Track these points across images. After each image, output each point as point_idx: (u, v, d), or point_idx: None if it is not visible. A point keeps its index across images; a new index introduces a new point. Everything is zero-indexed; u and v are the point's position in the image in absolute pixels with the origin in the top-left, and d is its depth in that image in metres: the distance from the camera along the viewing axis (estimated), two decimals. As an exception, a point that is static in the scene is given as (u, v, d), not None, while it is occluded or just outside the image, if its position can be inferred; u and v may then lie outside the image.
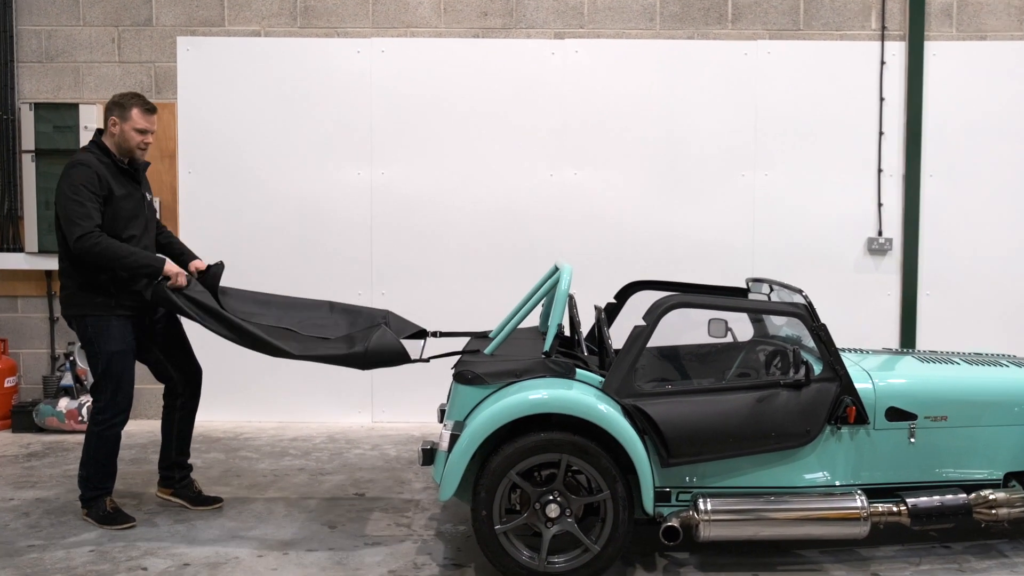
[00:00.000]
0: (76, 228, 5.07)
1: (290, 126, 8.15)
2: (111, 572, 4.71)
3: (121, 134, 5.33)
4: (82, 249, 5.07)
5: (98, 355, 5.31)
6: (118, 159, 5.34)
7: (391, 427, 8.10)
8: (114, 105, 5.34)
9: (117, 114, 5.33)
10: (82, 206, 5.09)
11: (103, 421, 5.35)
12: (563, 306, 4.67)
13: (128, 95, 5.37)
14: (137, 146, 5.36)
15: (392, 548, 5.06)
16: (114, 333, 5.30)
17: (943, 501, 4.66)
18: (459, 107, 8.13)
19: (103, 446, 5.38)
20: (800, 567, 4.80)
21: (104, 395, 5.34)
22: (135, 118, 5.33)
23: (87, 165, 5.20)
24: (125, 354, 5.34)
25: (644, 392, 4.60)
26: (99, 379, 5.34)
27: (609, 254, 8.13)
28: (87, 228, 5.07)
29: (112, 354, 5.30)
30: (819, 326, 4.71)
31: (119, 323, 5.31)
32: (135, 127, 5.33)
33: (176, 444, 5.74)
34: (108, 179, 5.23)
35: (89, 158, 5.25)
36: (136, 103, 5.34)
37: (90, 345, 5.32)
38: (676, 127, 8.11)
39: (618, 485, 4.45)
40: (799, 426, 4.58)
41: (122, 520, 5.41)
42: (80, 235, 5.06)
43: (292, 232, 8.16)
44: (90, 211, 5.11)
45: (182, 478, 5.78)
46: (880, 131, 8.10)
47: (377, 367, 5.08)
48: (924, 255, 8.11)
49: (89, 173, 5.17)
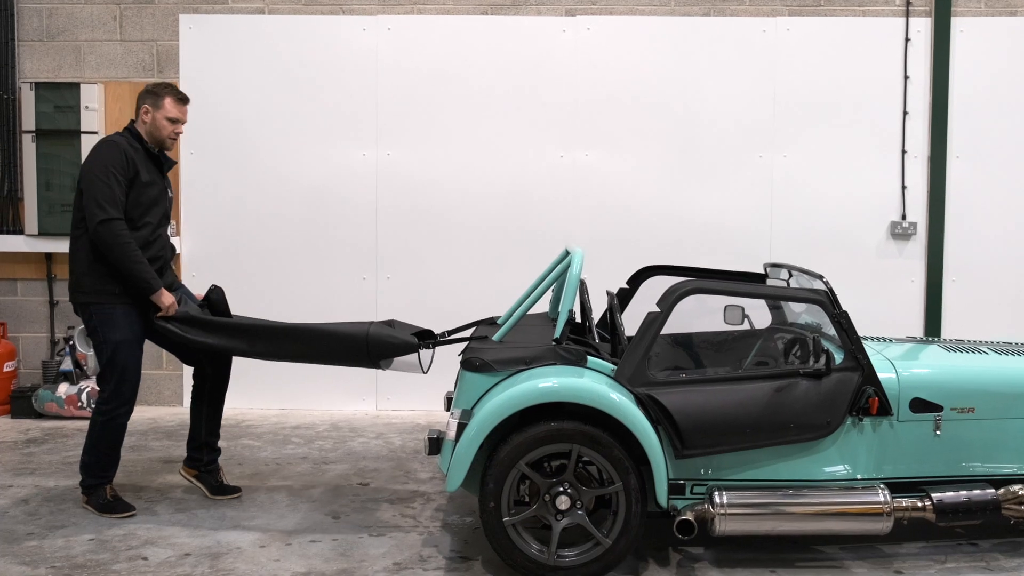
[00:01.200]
0: (100, 212, 5.11)
1: (294, 106, 8.10)
2: (111, 561, 4.70)
3: (153, 122, 5.39)
4: (102, 235, 5.11)
5: (103, 344, 5.31)
6: (149, 146, 5.40)
7: (396, 415, 8.08)
8: (147, 94, 5.42)
9: (150, 102, 5.40)
10: (110, 189, 5.14)
11: (107, 411, 5.35)
12: (574, 291, 4.63)
13: (161, 84, 5.47)
14: (168, 136, 5.44)
15: (397, 540, 5.04)
16: (119, 321, 5.29)
17: (970, 496, 4.59)
18: (467, 86, 8.07)
19: (107, 435, 5.38)
20: (819, 564, 4.75)
21: (109, 385, 5.34)
22: (167, 107, 5.40)
23: (117, 145, 5.26)
24: (130, 343, 5.33)
25: (658, 381, 4.55)
26: (104, 368, 5.34)
27: (622, 238, 8.07)
28: (112, 215, 5.11)
29: (117, 343, 5.28)
30: (840, 313, 4.65)
31: (124, 311, 5.30)
32: (167, 116, 5.40)
33: (206, 425, 5.74)
34: (136, 162, 5.28)
35: (119, 139, 5.31)
36: (169, 92, 5.43)
37: (95, 333, 5.32)
38: (691, 107, 8.03)
39: (631, 477, 4.40)
40: (819, 417, 4.52)
41: (122, 509, 5.40)
42: (104, 219, 5.10)
43: (296, 214, 8.12)
44: (116, 196, 5.15)
45: (210, 462, 5.78)
46: (904, 110, 8.01)
47: (381, 358, 5.06)
48: (950, 240, 8.03)
49: (118, 153, 5.22)
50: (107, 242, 5.10)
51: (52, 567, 4.62)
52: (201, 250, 8.11)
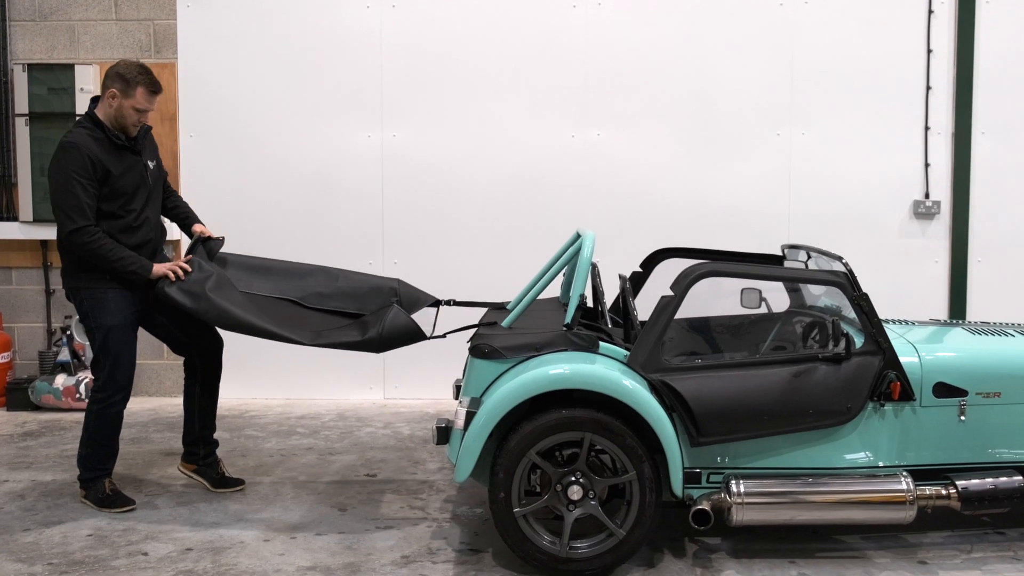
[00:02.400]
0: (68, 222, 5.07)
1: (296, 87, 8.09)
2: (110, 557, 4.72)
3: (119, 109, 5.22)
4: (75, 243, 5.10)
5: (95, 329, 5.31)
6: (113, 134, 5.23)
7: (404, 404, 8.09)
8: (117, 76, 5.20)
9: (119, 88, 5.20)
10: (74, 197, 5.06)
11: (102, 399, 5.35)
12: (585, 275, 4.62)
13: (135, 69, 5.22)
14: (132, 124, 5.27)
15: (405, 532, 5.05)
16: (111, 306, 5.28)
17: (996, 484, 4.57)
18: (475, 64, 8.05)
19: (103, 425, 5.38)
20: (841, 554, 4.75)
21: (103, 372, 5.34)
22: (138, 97, 5.22)
23: (77, 148, 5.10)
24: (123, 328, 5.32)
25: (672, 367, 4.54)
26: (97, 355, 5.34)
27: (635, 219, 8.05)
28: (79, 224, 5.07)
29: (109, 328, 5.28)
30: (860, 296, 4.64)
31: (116, 295, 5.29)
32: (136, 106, 5.22)
33: (199, 418, 5.72)
34: (102, 159, 5.14)
35: (81, 138, 5.14)
36: (143, 82, 5.21)
37: (87, 319, 5.32)
38: (706, 83, 8.00)
39: (644, 466, 4.40)
40: (839, 403, 4.51)
41: (122, 503, 5.41)
42: (72, 229, 5.07)
43: (299, 199, 8.12)
44: (82, 203, 5.07)
45: (207, 455, 5.77)
46: (927, 85, 7.97)
47: (392, 349, 5.08)
48: (975, 219, 8.00)
49: (80, 158, 5.08)
50: (83, 250, 5.10)
51: (49, 563, 4.63)
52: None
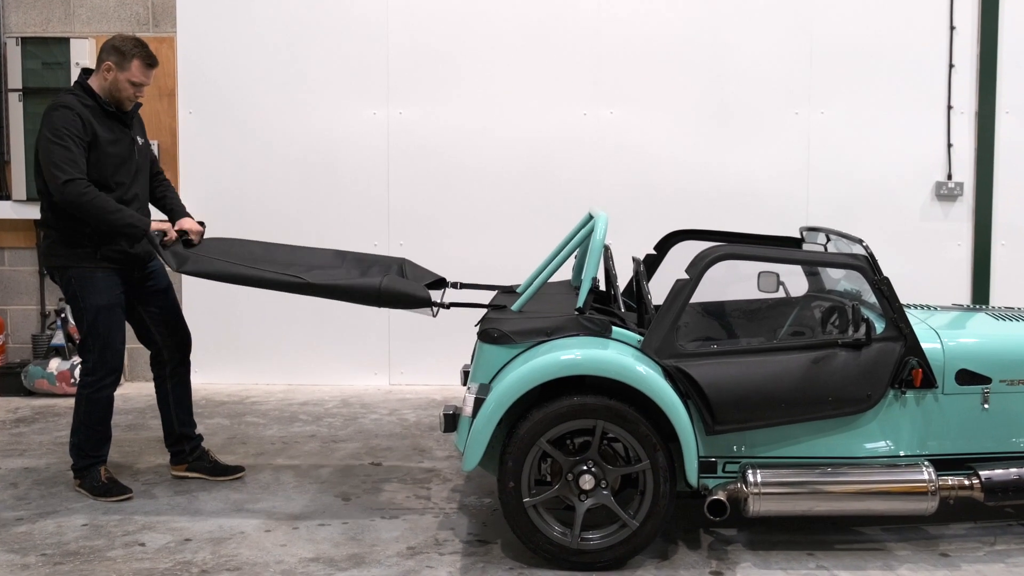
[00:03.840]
0: (61, 173, 5.03)
1: (299, 61, 8.08)
2: (105, 548, 4.72)
3: (114, 82, 5.25)
4: (67, 197, 5.04)
5: (83, 310, 5.31)
6: (103, 102, 5.26)
7: (410, 390, 8.11)
8: (113, 49, 5.25)
9: (114, 60, 5.24)
10: (67, 151, 5.05)
11: (92, 383, 5.35)
12: (598, 258, 4.62)
13: (131, 42, 5.27)
14: (128, 98, 5.31)
15: (411, 522, 5.07)
16: (99, 286, 5.29)
17: (1020, 474, 4.57)
18: (485, 40, 8.04)
19: (94, 410, 5.38)
20: (860, 546, 4.76)
21: (92, 354, 5.34)
22: (134, 70, 5.26)
23: (69, 107, 5.14)
24: (112, 309, 5.33)
25: (687, 352, 4.54)
26: (85, 336, 5.34)
27: (648, 201, 8.05)
28: (73, 175, 5.03)
29: (98, 308, 5.28)
30: (881, 280, 4.64)
31: (104, 275, 5.30)
32: (132, 79, 5.26)
33: (177, 416, 5.72)
34: (92, 123, 5.17)
35: (71, 100, 5.18)
36: (138, 55, 5.25)
37: (74, 300, 5.32)
38: (722, 61, 7.99)
39: (659, 454, 4.41)
40: (859, 390, 4.52)
41: (118, 491, 5.42)
42: (66, 180, 5.02)
43: (301, 177, 8.13)
44: (76, 156, 5.07)
45: (193, 450, 5.77)
46: (950, 63, 7.95)
47: (392, 306, 4.95)
48: (999, 201, 7.99)
49: (71, 116, 5.11)
50: (75, 203, 5.03)
51: (43, 555, 4.63)
52: (200, 215, 8.12)
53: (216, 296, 8.06)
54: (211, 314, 8.14)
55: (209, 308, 8.11)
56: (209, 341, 8.15)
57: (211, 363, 8.19)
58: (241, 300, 8.17)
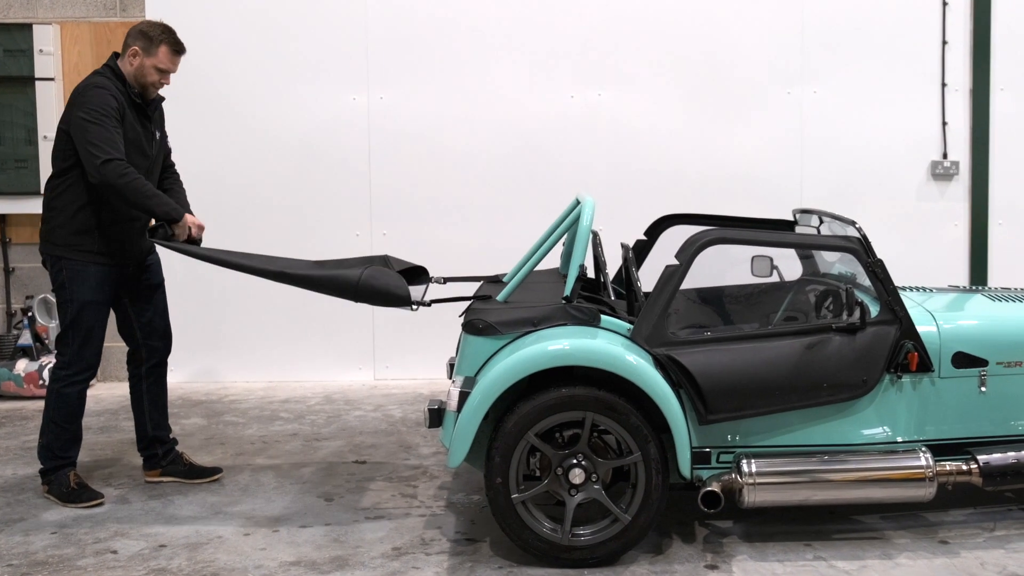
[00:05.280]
0: (101, 153, 5.06)
1: (275, 45, 8.06)
2: (75, 556, 4.67)
3: (140, 68, 5.34)
4: (105, 177, 5.05)
5: (70, 302, 5.31)
6: (133, 92, 5.35)
7: (396, 385, 8.12)
8: (140, 34, 5.35)
9: (141, 46, 5.33)
10: (105, 129, 5.11)
11: (65, 376, 5.34)
12: (585, 244, 4.62)
13: (159, 28, 5.38)
14: (152, 84, 5.40)
15: (397, 522, 5.07)
16: (91, 280, 5.30)
17: (1019, 458, 4.61)
18: (468, 19, 8.04)
19: (63, 405, 5.36)
20: (858, 536, 4.79)
21: (70, 347, 5.34)
22: (161, 56, 5.35)
23: (104, 88, 5.22)
24: (99, 305, 5.35)
25: (678, 340, 4.56)
26: (67, 329, 5.34)
27: (638, 185, 8.07)
28: (112, 154, 5.07)
29: (85, 303, 5.30)
30: (875, 262, 4.66)
31: (98, 271, 5.31)
32: (158, 66, 5.36)
33: (151, 417, 5.69)
34: (124, 106, 5.27)
35: (105, 81, 5.28)
36: (166, 41, 5.37)
37: (62, 290, 5.32)
38: (712, 39, 8.00)
39: (650, 446, 4.42)
40: (854, 375, 4.54)
41: (88, 497, 5.39)
42: (105, 160, 5.05)
43: (279, 166, 8.11)
44: (113, 136, 5.12)
45: (167, 454, 5.74)
46: (943, 40, 7.98)
47: (370, 302, 4.96)
48: (995, 180, 8.03)
49: (107, 96, 5.19)
50: (113, 184, 5.05)
51: (9, 565, 4.58)
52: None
53: (192, 289, 8.04)
54: (187, 308, 8.11)
55: (184, 301, 8.08)
56: (185, 336, 8.11)
57: (188, 359, 8.17)
58: (217, 292, 8.16)
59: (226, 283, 8.10)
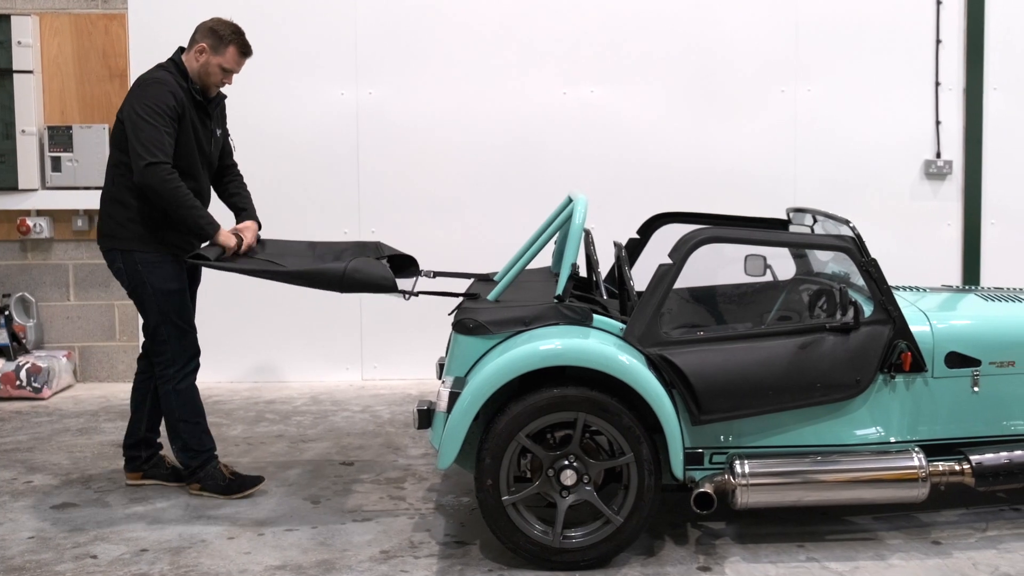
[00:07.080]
0: (147, 154, 5.07)
1: (261, 39, 7.99)
2: (53, 561, 4.64)
3: (204, 65, 5.36)
4: (147, 179, 5.08)
5: (152, 296, 5.31)
6: (195, 88, 5.36)
7: (384, 385, 8.13)
8: (210, 32, 5.37)
9: (210, 44, 5.36)
10: (157, 131, 5.11)
11: (174, 375, 5.38)
12: (577, 243, 4.65)
13: (229, 27, 5.41)
14: (216, 83, 5.43)
15: (385, 525, 5.08)
16: (168, 270, 5.33)
17: (1011, 458, 4.66)
18: (458, 14, 8.05)
19: (184, 403, 5.39)
20: (851, 536, 4.84)
21: (168, 344, 5.35)
22: (228, 56, 5.39)
23: (163, 83, 5.24)
24: (182, 292, 5.39)
25: (671, 340, 4.59)
26: (157, 326, 5.34)
27: (631, 183, 8.10)
28: (158, 158, 5.08)
29: (170, 292, 5.32)
30: (869, 261, 4.70)
31: (174, 260, 5.34)
32: (224, 65, 5.39)
33: (150, 417, 5.66)
34: (184, 103, 5.27)
35: (166, 76, 5.29)
36: (235, 42, 5.39)
37: (141, 286, 5.31)
38: (706, 36, 8.04)
39: (643, 447, 4.44)
40: (848, 375, 4.58)
41: (250, 483, 5.49)
42: (150, 163, 5.06)
43: (266, 163, 8.07)
44: (164, 140, 5.12)
45: (150, 457, 5.71)
46: (937, 39, 8.04)
47: (358, 291, 4.98)
48: (988, 179, 8.08)
49: (165, 93, 5.20)
50: (153, 187, 5.07)
51: (-16, 570, 4.57)
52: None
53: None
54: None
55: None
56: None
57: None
58: (200, 291, 8.11)
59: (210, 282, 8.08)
